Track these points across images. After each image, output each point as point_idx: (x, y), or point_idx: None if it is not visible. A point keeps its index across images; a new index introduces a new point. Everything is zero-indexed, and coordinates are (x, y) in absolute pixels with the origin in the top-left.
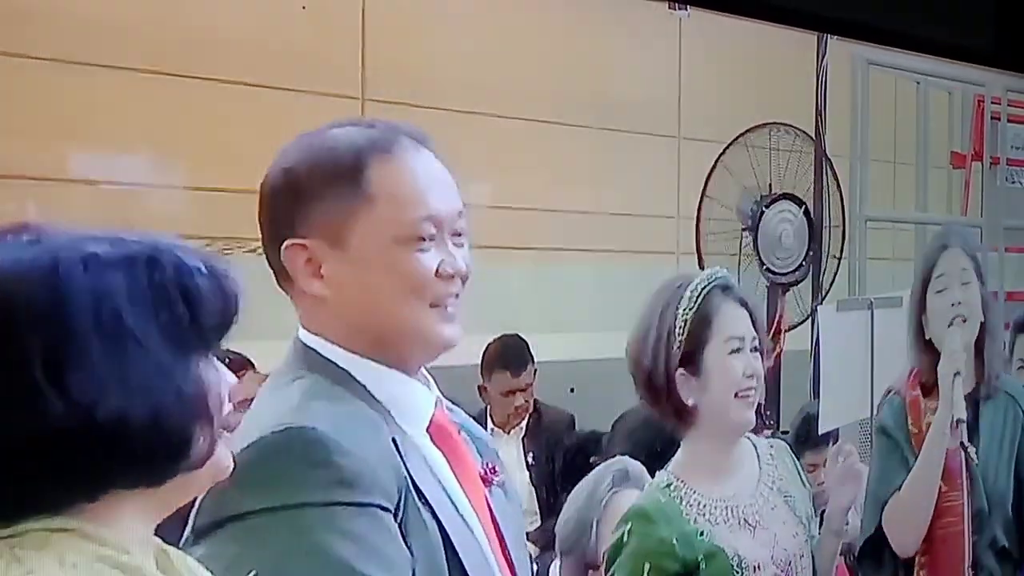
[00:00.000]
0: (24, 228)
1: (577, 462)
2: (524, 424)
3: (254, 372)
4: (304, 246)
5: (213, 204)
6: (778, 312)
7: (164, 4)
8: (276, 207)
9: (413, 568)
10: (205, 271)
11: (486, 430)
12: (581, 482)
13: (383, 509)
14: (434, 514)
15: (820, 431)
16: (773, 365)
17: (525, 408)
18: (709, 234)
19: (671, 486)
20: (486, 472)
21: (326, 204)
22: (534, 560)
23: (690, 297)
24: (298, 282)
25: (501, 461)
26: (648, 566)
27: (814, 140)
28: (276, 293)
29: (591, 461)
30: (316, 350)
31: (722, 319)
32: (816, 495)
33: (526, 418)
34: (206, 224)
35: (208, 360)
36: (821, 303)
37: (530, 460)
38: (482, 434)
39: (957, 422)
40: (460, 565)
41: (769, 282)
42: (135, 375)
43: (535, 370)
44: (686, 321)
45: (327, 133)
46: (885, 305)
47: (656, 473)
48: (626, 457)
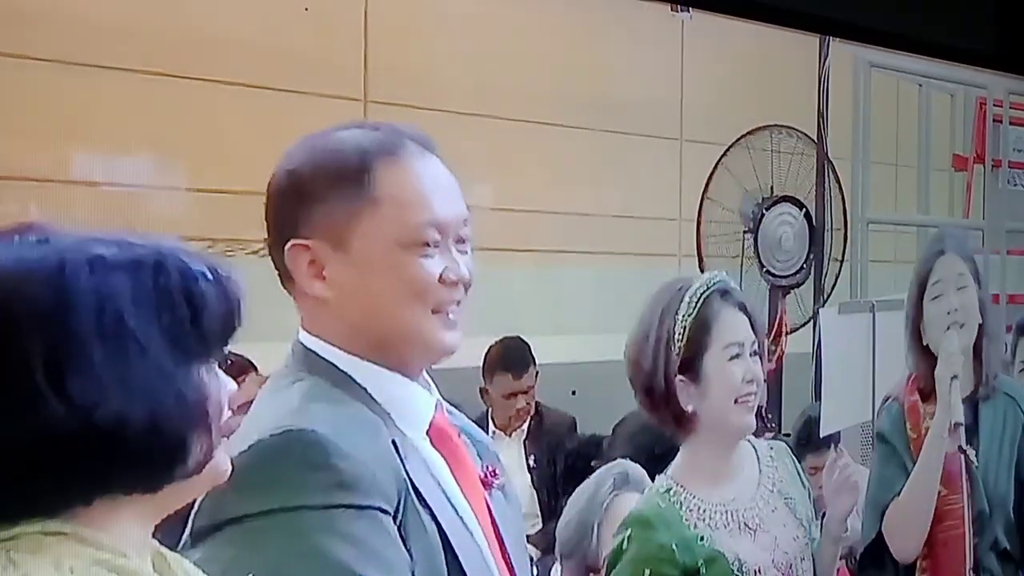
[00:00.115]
0: (32, 228)
1: (578, 465)
2: (525, 426)
3: (256, 374)
4: (307, 247)
5: (215, 206)
6: (780, 315)
7: (167, 6)
8: (281, 208)
9: (412, 571)
10: (210, 276)
11: (487, 433)
12: (582, 485)
13: (382, 512)
14: (434, 517)
15: (822, 434)
16: (775, 367)
17: (526, 410)
18: (710, 236)
19: (670, 491)
20: (486, 475)
21: (330, 206)
22: (535, 563)
23: (689, 303)
24: (300, 283)
25: (502, 464)
26: (648, 572)
27: (816, 142)
28: (278, 295)
29: (592, 465)
30: (316, 352)
31: (721, 325)
32: (817, 498)
33: (527, 420)
34: (208, 226)
35: (210, 367)
36: (823, 306)
37: (531, 463)
38: (483, 437)
39: (955, 426)
40: (460, 568)
41: (769, 285)
42: (135, 378)
43: (537, 372)
44: (685, 327)
45: (333, 135)
46: (887, 308)
47: (656, 477)
48: (627, 460)
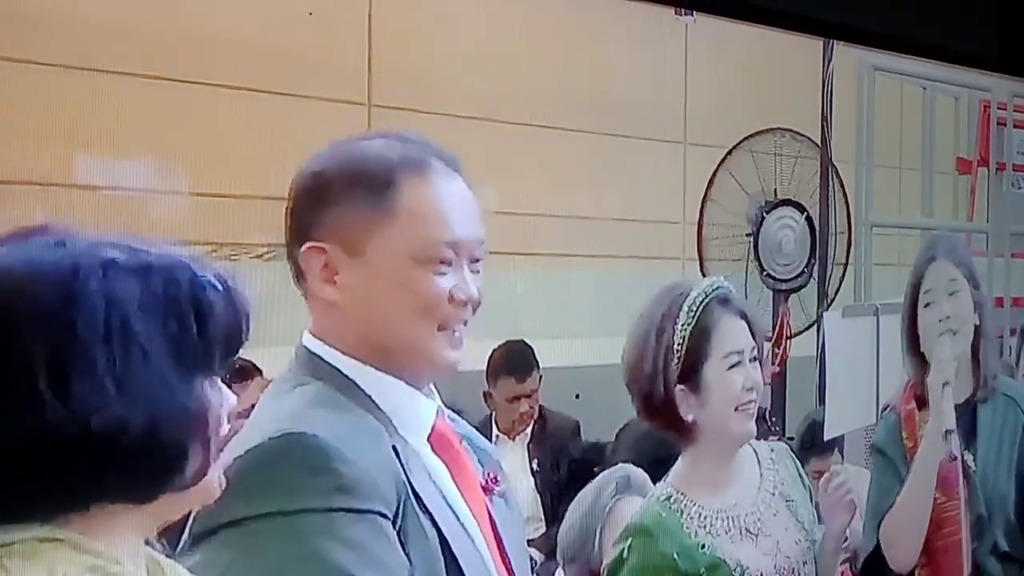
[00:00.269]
0: (48, 230)
1: (581, 472)
2: (529, 430)
3: (261, 378)
4: (323, 250)
5: (217, 210)
6: (783, 318)
7: (171, 9)
8: (302, 208)
9: (411, 575)
10: (219, 287)
11: (491, 436)
12: (584, 489)
13: (382, 516)
14: (434, 522)
15: (825, 437)
16: (779, 371)
17: (530, 414)
18: (712, 239)
19: (671, 499)
20: (487, 481)
21: (350, 212)
22: (538, 568)
23: (688, 312)
24: (312, 285)
25: (503, 472)
26: None
27: (819, 146)
28: (283, 299)
29: (594, 471)
30: (321, 357)
31: (721, 334)
32: (818, 503)
33: (531, 424)
34: (210, 230)
35: (213, 380)
36: (827, 309)
37: (535, 466)
38: (485, 445)
39: (947, 433)
40: (460, 573)
41: (769, 288)
42: (137, 385)
43: (540, 376)
44: (684, 337)
45: (362, 143)
46: (891, 311)
47: (656, 485)
48: (628, 464)
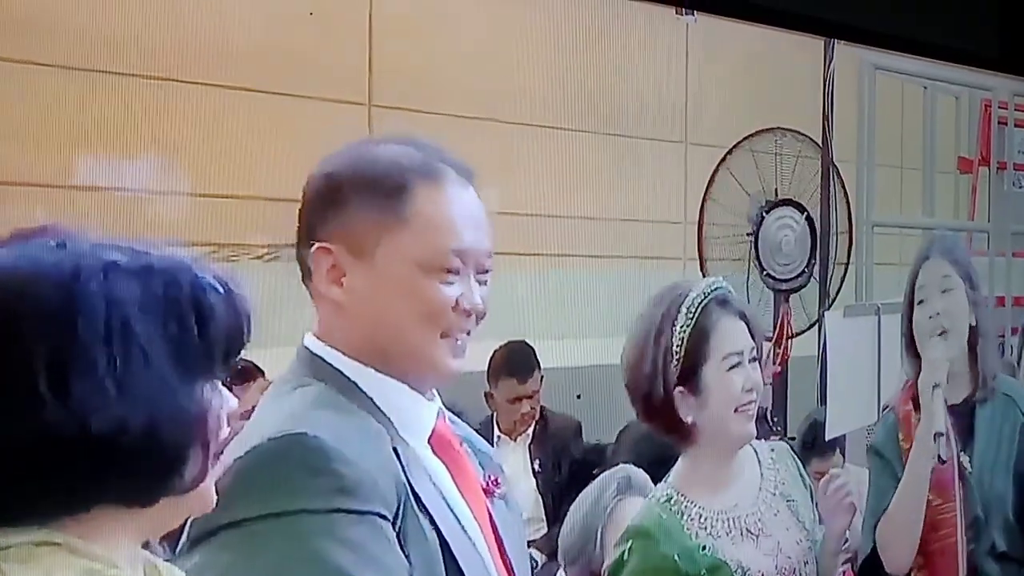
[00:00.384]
0: (51, 231)
1: (583, 473)
2: (531, 431)
3: (263, 379)
4: (331, 251)
5: (218, 210)
6: (784, 318)
7: (170, 10)
8: (314, 208)
9: None
10: (220, 290)
11: (492, 437)
12: (584, 490)
13: (382, 518)
14: (434, 524)
15: (827, 437)
16: (780, 371)
17: (531, 415)
18: (712, 239)
19: (671, 500)
20: (488, 484)
21: (361, 215)
22: (539, 569)
23: (687, 313)
24: (319, 284)
25: (504, 474)
26: None
27: (819, 145)
28: (285, 300)
29: (593, 473)
30: (323, 358)
31: (720, 335)
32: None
33: (532, 425)
34: (212, 231)
35: (213, 382)
36: (828, 309)
37: (536, 467)
38: (485, 448)
39: (936, 436)
40: (459, 574)
41: (769, 288)
42: (137, 386)
43: (542, 377)
44: (683, 339)
45: (377, 147)
46: (892, 311)
47: (656, 486)
48: (629, 465)
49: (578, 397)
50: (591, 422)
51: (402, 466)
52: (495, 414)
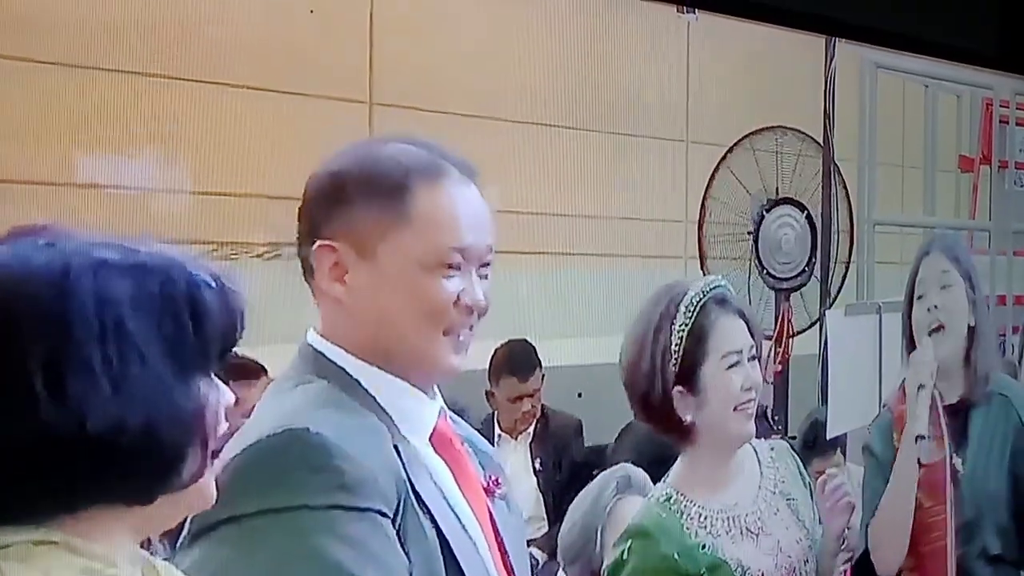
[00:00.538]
0: (40, 230)
1: (585, 470)
2: (532, 430)
3: (267, 378)
4: (334, 249)
5: (219, 208)
6: (784, 317)
7: (172, 8)
8: (316, 206)
9: (410, 574)
10: (214, 286)
11: (493, 435)
12: (584, 490)
13: (382, 515)
14: (434, 522)
15: (828, 435)
16: (781, 370)
17: (532, 414)
18: (713, 237)
19: (671, 499)
20: (489, 484)
21: (364, 214)
22: (540, 568)
23: (685, 312)
24: (321, 282)
25: (505, 475)
26: None
27: (819, 144)
28: (286, 298)
29: (593, 474)
30: (326, 355)
31: (719, 334)
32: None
33: (533, 424)
34: (212, 229)
35: (209, 378)
36: (829, 308)
37: (537, 466)
38: (486, 448)
39: (917, 438)
40: (459, 572)
41: (769, 287)
42: (133, 384)
43: (543, 375)
44: (682, 338)
45: (380, 146)
46: (893, 309)
47: (655, 485)
48: (628, 464)
49: (579, 395)
50: (592, 421)
51: (403, 464)
52: (496, 413)
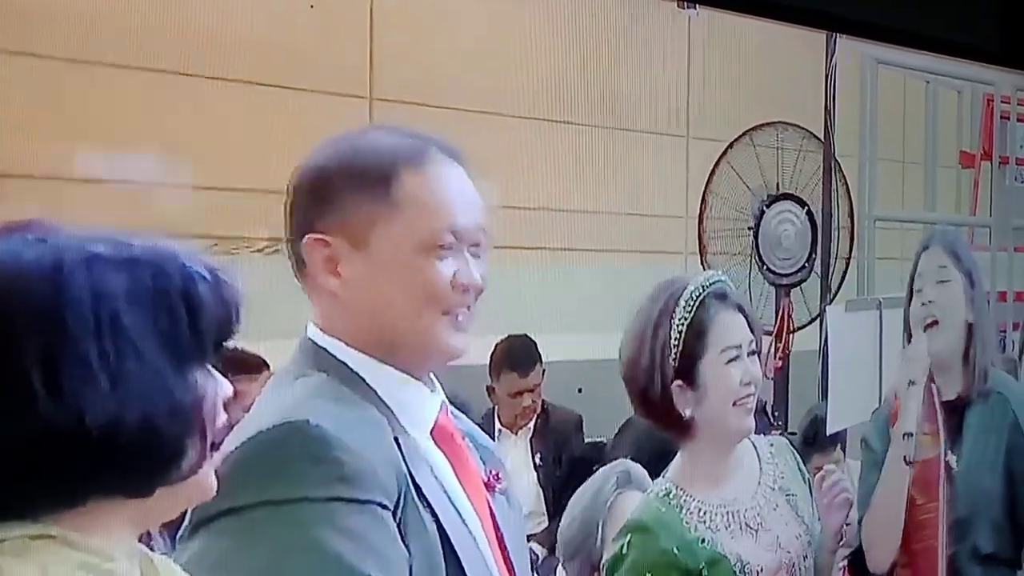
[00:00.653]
0: (31, 225)
1: (585, 465)
2: (532, 425)
3: (269, 372)
4: (326, 242)
5: (219, 203)
6: (785, 312)
7: (172, 3)
8: (303, 202)
9: (410, 568)
10: (208, 278)
11: (493, 430)
12: (583, 485)
13: (383, 507)
14: (435, 515)
15: (828, 431)
16: (781, 366)
17: (533, 409)
18: (713, 233)
19: (670, 494)
20: (489, 478)
21: (353, 206)
22: (540, 563)
23: (684, 307)
24: (315, 277)
25: (505, 470)
26: None
27: (822, 140)
28: (287, 293)
29: (593, 469)
30: (326, 349)
31: (718, 329)
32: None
33: (534, 419)
34: (212, 223)
35: (206, 369)
36: (830, 303)
37: (538, 461)
38: (487, 442)
39: (904, 435)
40: (459, 567)
41: (769, 283)
42: (130, 378)
43: (543, 370)
44: (681, 333)
45: (362, 137)
46: (893, 305)
47: (655, 480)
48: (628, 460)
49: (579, 391)
50: (592, 416)
51: (403, 457)
52: (496, 407)
